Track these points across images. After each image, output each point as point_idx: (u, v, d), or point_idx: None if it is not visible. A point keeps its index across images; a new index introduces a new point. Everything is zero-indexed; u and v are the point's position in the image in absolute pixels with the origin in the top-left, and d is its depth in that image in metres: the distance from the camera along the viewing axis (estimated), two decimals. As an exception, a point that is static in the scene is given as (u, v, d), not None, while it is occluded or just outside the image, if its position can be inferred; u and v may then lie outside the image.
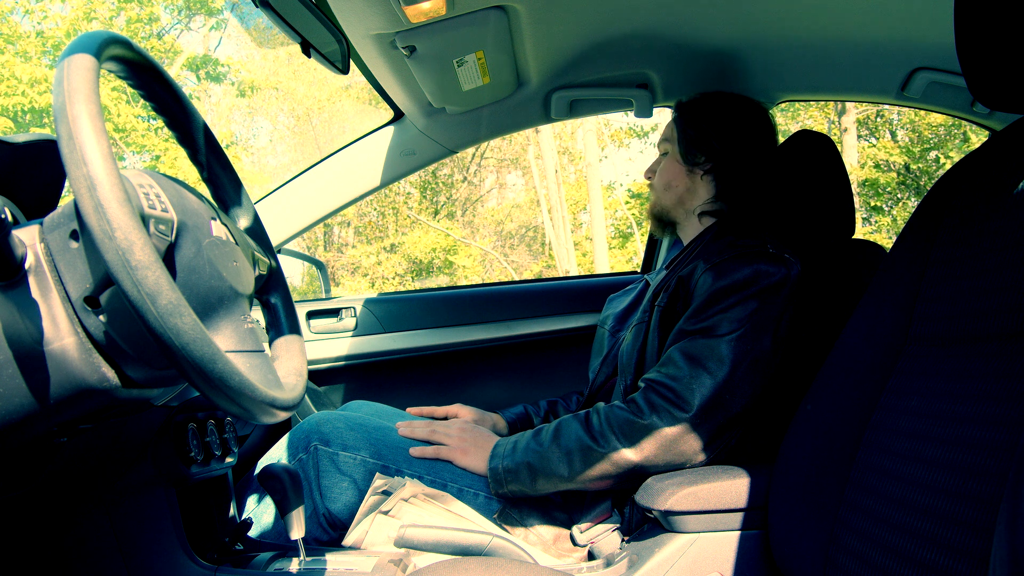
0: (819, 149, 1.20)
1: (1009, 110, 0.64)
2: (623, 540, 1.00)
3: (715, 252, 1.05)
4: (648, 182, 1.30)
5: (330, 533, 1.08)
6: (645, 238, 1.35)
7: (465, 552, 0.94)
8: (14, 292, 0.54)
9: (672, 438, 0.94)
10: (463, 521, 0.98)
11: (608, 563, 0.95)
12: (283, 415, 0.59)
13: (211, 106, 13.74)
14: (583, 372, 1.47)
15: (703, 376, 0.95)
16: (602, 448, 0.96)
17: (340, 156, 1.61)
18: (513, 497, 1.05)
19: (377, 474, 1.03)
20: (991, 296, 0.62)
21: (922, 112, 9.16)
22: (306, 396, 1.53)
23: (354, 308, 1.75)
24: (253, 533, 1.07)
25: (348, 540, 0.98)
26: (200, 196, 0.67)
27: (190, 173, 8.82)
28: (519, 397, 1.55)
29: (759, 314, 0.98)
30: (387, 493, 1.00)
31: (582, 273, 11.60)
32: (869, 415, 0.73)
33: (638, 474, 0.97)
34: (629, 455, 0.95)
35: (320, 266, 2.05)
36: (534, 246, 13.39)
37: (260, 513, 1.10)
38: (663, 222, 1.28)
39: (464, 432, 1.10)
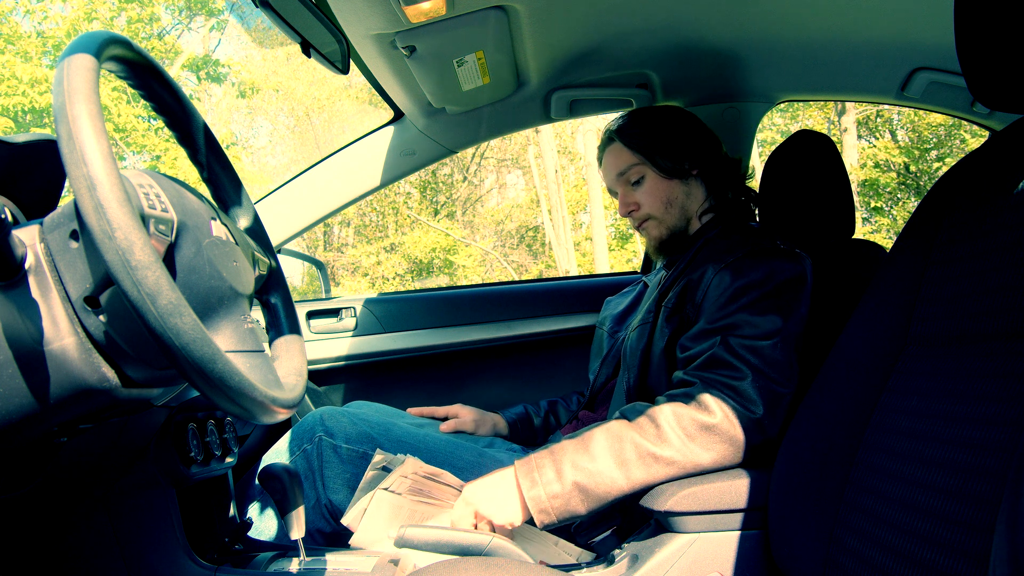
0: (819, 149, 1.20)
1: (1009, 110, 0.64)
2: (623, 540, 1.00)
3: (725, 251, 1.04)
4: (632, 218, 1.21)
5: (332, 523, 1.09)
6: (644, 240, 1.33)
7: (465, 552, 0.94)
8: (14, 292, 0.54)
9: (744, 440, 0.90)
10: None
11: (608, 563, 0.95)
12: (283, 415, 0.59)
13: (211, 106, 13.74)
14: (583, 372, 1.47)
15: (762, 378, 0.92)
16: (667, 453, 0.89)
17: (340, 156, 1.61)
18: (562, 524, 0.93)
19: (378, 450, 1.02)
20: (991, 296, 0.62)
21: (922, 112, 9.16)
22: (306, 396, 1.53)
23: (354, 308, 1.75)
24: (255, 534, 1.07)
25: (347, 518, 0.97)
26: (200, 196, 0.67)
27: (190, 173, 8.82)
28: (519, 397, 1.55)
29: (787, 310, 0.97)
30: (387, 469, 0.98)
31: (582, 273, 11.59)
32: (869, 415, 0.73)
33: (698, 475, 0.91)
34: (700, 457, 0.89)
35: (320, 266, 2.05)
36: (534, 246, 13.39)
37: (261, 519, 1.10)
38: (675, 241, 1.20)
39: (476, 493, 0.94)
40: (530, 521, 1.05)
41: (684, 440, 0.89)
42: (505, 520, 0.92)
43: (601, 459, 0.90)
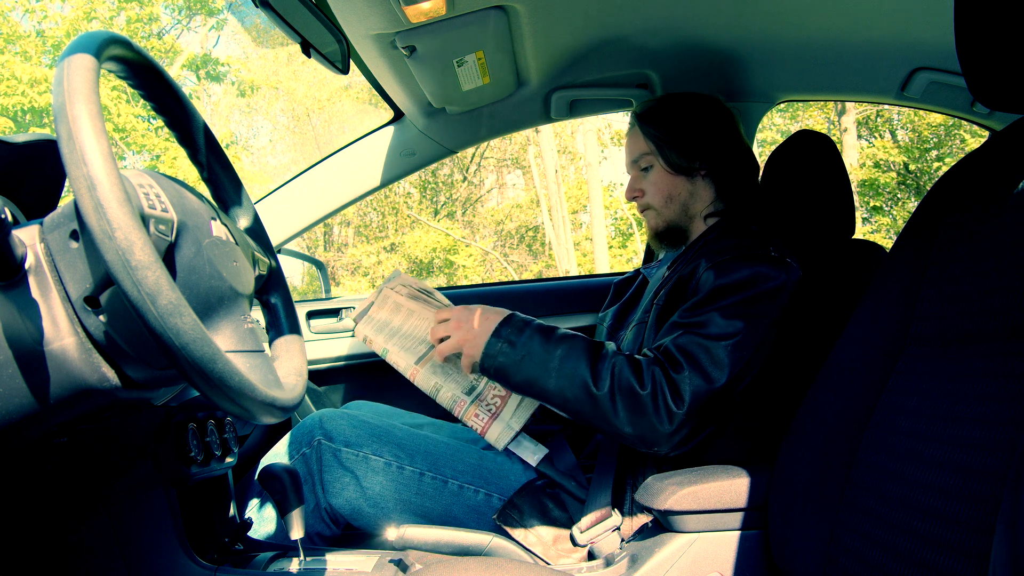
0: (819, 149, 1.20)
1: (1009, 110, 0.64)
2: (623, 540, 1.00)
3: (718, 251, 1.05)
4: (636, 203, 1.23)
5: (331, 527, 1.09)
6: (645, 238, 1.34)
7: (465, 552, 0.94)
8: (14, 292, 0.54)
9: (656, 424, 0.94)
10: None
11: (608, 563, 0.95)
12: (283, 415, 0.59)
13: (211, 106, 13.75)
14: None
15: (698, 378, 0.94)
16: (593, 391, 0.96)
17: (340, 156, 1.61)
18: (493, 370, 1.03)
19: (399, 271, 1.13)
20: (991, 296, 0.62)
21: (922, 112, 9.16)
22: (306, 396, 1.53)
23: (354, 308, 1.75)
24: (254, 534, 1.07)
25: (354, 313, 1.16)
26: (200, 196, 0.67)
27: (190, 173, 8.82)
28: (519, 397, 1.55)
29: (755, 319, 0.98)
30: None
31: (582, 273, 11.59)
32: (869, 415, 0.73)
33: (607, 430, 0.97)
34: (614, 414, 0.95)
35: (320, 266, 2.05)
36: (534, 246, 13.38)
37: (261, 519, 1.10)
38: (672, 234, 1.22)
39: (460, 327, 1.05)
40: (531, 520, 1.05)
41: (613, 391, 0.95)
42: (471, 351, 1.02)
43: (552, 359, 0.99)
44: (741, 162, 1.19)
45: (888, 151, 10.85)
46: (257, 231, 0.81)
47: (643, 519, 1.01)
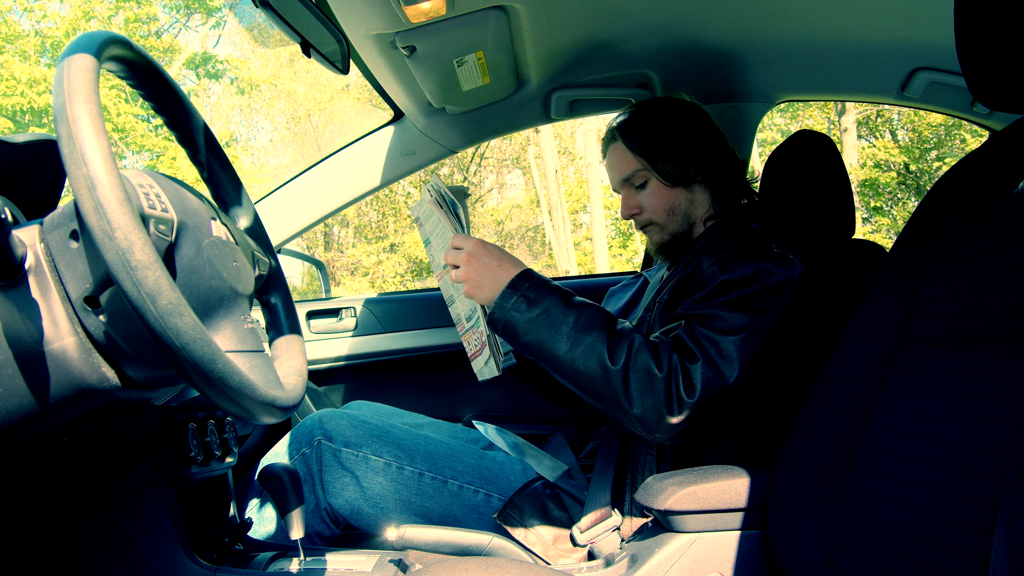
0: (819, 149, 1.20)
1: (1009, 110, 0.64)
2: (623, 540, 1.00)
3: (720, 249, 1.05)
4: (635, 220, 1.20)
5: (331, 528, 1.09)
6: (645, 238, 1.33)
7: (465, 552, 0.94)
8: (14, 292, 0.54)
9: (666, 410, 0.93)
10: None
11: (608, 563, 0.95)
12: (283, 415, 0.59)
13: (211, 106, 13.75)
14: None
15: (710, 371, 0.94)
16: (609, 365, 0.93)
17: (340, 156, 1.61)
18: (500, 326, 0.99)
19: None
20: (991, 296, 0.62)
21: (922, 112, 9.16)
22: (306, 396, 1.53)
23: (354, 308, 1.75)
24: (254, 534, 1.07)
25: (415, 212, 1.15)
26: (200, 196, 0.67)
27: (190, 173, 8.82)
28: (521, 397, 1.55)
29: (762, 314, 0.98)
30: (442, 196, 1.12)
31: (582, 273, 11.59)
32: (869, 415, 0.73)
33: (610, 408, 0.95)
34: (625, 392, 0.92)
35: (320, 266, 2.05)
36: (534, 246, 13.39)
37: (261, 519, 1.10)
38: (677, 244, 1.19)
39: (471, 263, 1.00)
40: (531, 520, 1.05)
41: (628, 368, 0.93)
42: (472, 291, 0.99)
43: (567, 323, 0.95)
44: (729, 161, 1.18)
45: (888, 151, 10.85)
46: (257, 231, 0.81)
47: (643, 519, 1.01)
